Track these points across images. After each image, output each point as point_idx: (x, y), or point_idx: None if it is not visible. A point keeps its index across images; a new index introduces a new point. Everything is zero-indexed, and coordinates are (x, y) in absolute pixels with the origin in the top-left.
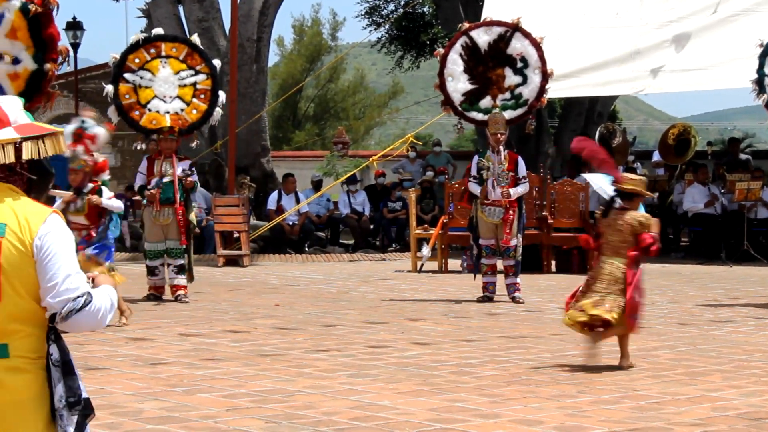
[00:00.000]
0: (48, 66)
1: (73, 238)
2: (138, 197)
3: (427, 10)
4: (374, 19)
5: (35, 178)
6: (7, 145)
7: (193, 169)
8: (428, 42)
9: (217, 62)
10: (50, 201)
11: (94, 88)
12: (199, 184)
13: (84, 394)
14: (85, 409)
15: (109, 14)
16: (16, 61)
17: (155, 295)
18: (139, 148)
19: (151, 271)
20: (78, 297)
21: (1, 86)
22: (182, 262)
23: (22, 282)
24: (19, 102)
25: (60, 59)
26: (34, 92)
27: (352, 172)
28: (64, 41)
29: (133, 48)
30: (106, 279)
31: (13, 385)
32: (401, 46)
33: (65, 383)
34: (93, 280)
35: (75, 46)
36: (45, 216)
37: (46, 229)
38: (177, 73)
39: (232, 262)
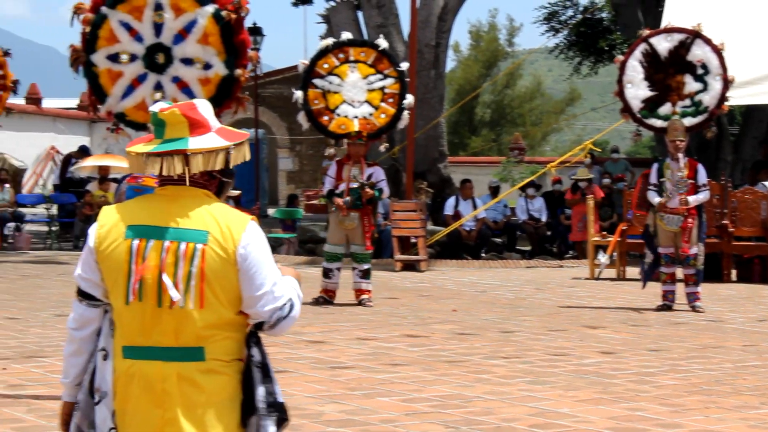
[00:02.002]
0: (239, 72)
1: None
2: (314, 201)
3: (605, 15)
4: (553, 24)
5: (229, 181)
6: (221, 152)
7: (375, 174)
8: (607, 48)
9: (404, 65)
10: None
11: (274, 93)
12: (381, 193)
13: (280, 399)
14: (281, 414)
15: (289, 20)
16: (207, 66)
17: (325, 298)
18: (327, 153)
19: (326, 274)
20: (284, 305)
21: (193, 91)
22: (368, 266)
23: (223, 289)
24: (210, 106)
25: (250, 65)
26: (224, 97)
27: (530, 179)
28: None
29: (322, 53)
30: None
31: (209, 386)
32: (579, 52)
33: (265, 384)
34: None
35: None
36: (245, 224)
37: (248, 237)
38: (365, 77)
39: (410, 266)
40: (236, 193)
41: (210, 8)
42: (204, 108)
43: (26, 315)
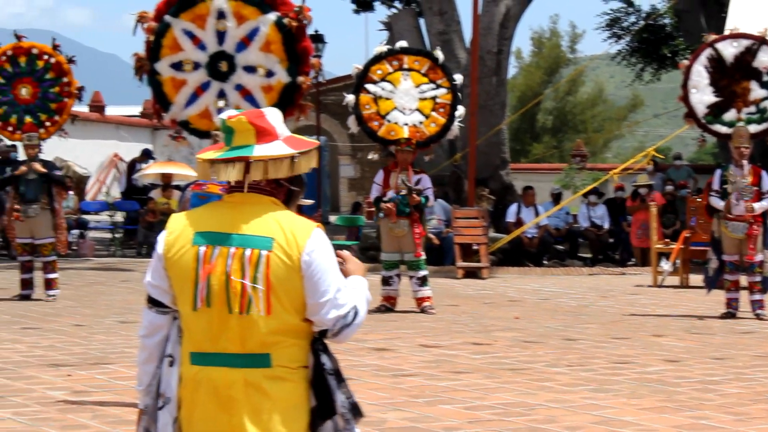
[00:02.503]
0: (301, 79)
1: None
2: (373, 209)
3: (668, 21)
4: (615, 31)
5: (297, 189)
6: (285, 160)
7: (422, 181)
8: (669, 54)
9: (458, 77)
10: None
11: (335, 100)
12: (427, 200)
13: (354, 399)
14: (357, 412)
15: (350, 27)
16: (269, 74)
17: (386, 306)
18: (371, 158)
19: (386, 281)
20: (348, 312)
21: (255, 99)
22: (424, 273)
23: (288, 296)
24: (279, 113)
25: (313, 73)
26: (287, 105)
27: (592, 186)
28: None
29: (376, 59)
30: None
31: (275, 393)
32: (642, 58)
33: (341, 390)
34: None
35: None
36: (310, 231)
37: (313, 244)
38: (418, 86)
39: (471, 274)
40: (309, 202)
41: (272, 16)
42: (272, 116)
43: (90, 322)
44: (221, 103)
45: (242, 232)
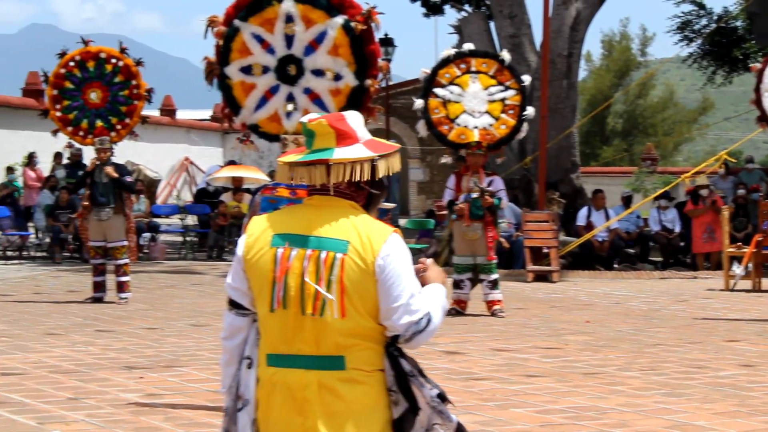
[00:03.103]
0: (369, 82)
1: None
2: (444, 212)
3: (740, 24)
4: (686, 34)
5: (378, 193)
6: (365, 163)
7: (495, 183)
8: (741, 57)
9: (526, 78)
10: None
11: (404, 103)
12: (501, 202)
13: (439, 389)
14: (445, 400)
15: (420, 31)
16: (337, 77)
17: (457, 309)
18: (444, 161)
19: (457, 285)
20: (420, 319)
21: (324, 102)
22: (495, 276)
23: (362, 299)
24: (360, 117)
25: (380, 76)
26: (355, 108)
27: (663, 189)
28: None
29: (444, 63)
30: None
31: (349, 395)
32: (713, 61)
33: (426, 387)
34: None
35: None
36: (386, 235)
37: (388, 249)
38: (486, 88)
39: (542, 277)
40: (390, 205)
41: (340, 19)
42: (353, 119)
43: (162, 324)
44: (290, 107)
45: (319, 235)
